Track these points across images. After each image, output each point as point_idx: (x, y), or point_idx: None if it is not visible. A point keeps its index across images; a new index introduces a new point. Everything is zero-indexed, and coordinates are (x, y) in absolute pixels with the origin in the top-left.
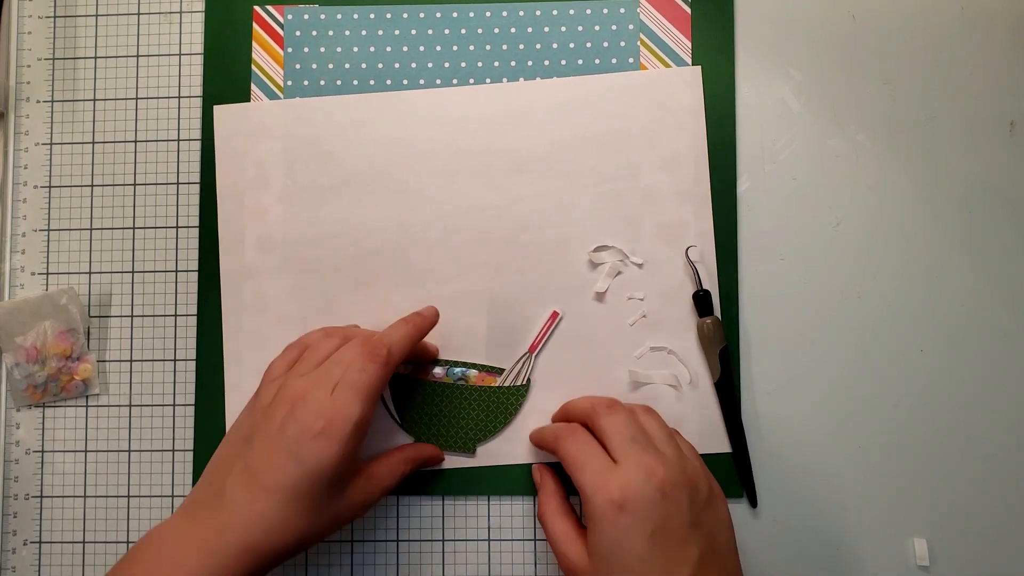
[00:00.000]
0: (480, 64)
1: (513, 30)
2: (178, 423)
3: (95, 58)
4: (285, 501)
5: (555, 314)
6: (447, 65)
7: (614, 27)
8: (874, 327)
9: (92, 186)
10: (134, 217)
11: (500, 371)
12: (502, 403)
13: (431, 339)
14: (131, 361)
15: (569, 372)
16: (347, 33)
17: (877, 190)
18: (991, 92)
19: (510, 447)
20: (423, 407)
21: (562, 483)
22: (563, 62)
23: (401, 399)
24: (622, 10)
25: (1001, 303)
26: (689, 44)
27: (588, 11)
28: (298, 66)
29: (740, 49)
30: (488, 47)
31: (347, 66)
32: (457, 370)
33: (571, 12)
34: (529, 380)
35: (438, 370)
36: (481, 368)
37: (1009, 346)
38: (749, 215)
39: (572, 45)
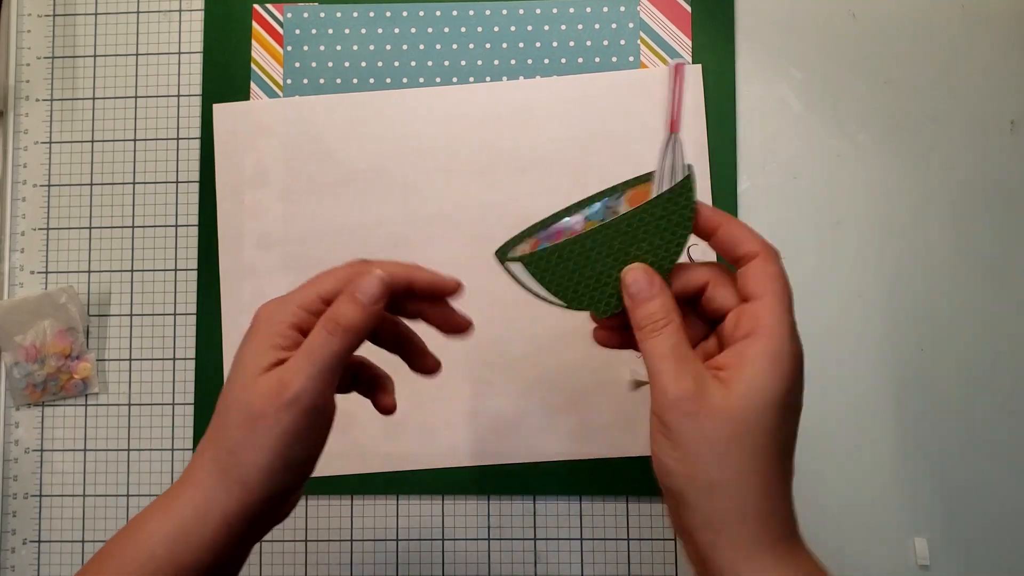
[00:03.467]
0: (480, 63)
1: (513, 29)
2: (177, 422)
3: (94, 56)
4: None
5: (680, 66)
6: (447, 64)
7: (614, 26)
8: (874, 326)
9: (91, 185)
10: (133, 216)
11: (647, 178)
12: (670, 213)
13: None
14: (130, 360)
15: (568, 371)
16: (347, 31)
17: (877, 189)
18: (991, 91)
19: (510, 447)
20: (583, 272)
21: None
22: (563, 61)
23: (553, 279)
24: (622, 8)
25: (1001, 302)
26: (689, 43)
27: (588, 9)
28: (298, 64)
29: (741, 48)
30: (488, 46)
31: (347, 64)
32: (596, 206)
33: (571, 11)
34: (690, 166)
35: (576, 220)
36: (628, 185)
37: (1009, 345)
38: (749, 214)
39: (572, 44)
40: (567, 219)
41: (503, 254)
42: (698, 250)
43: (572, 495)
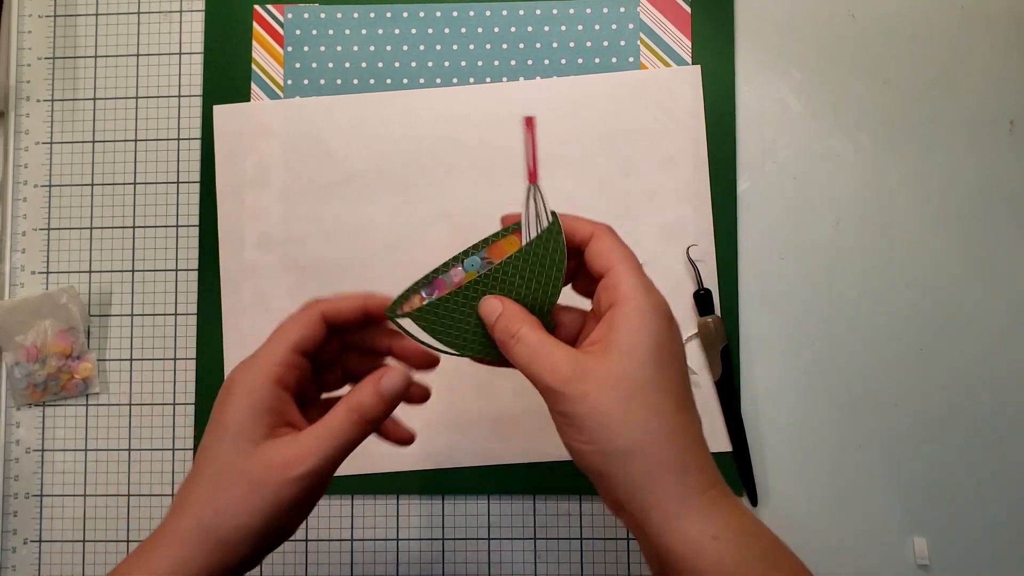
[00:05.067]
0: (480, 63)
1: (513, 29)
2: (178, 422)
3: (95, 57)
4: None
5: (530, 120)
6: (447, 64)
7: (614, 26)
8: (874, 326)
9: (92, 185)
10: (134, 216)
11: (515, 228)
12: (542, 258)
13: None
14: (131, 360)
15: None
16: (347, 32)
17: (877, 190)
18: (991, 92)
19: (510, 447)
20: (465, 321)
21: None
22: (563, 61)
23: (439, 331)
24: (622, 9)
25: (1001, 303)
26: (689, 43)
27: (588, 10)
28: (298, 65)
29: (740, 48)
30: (488, 46)
31: (347, 65)
32: (475, 258)
33: (571, 11)
34: (554, 213)
35: (455, 272)
36: (495, 237)
37: (1009, 346)
38: (749, 214)
39: (572, 44)
40: (448, 272)
41: (392, 312)
42: (697, 250)
43: (572, 495)
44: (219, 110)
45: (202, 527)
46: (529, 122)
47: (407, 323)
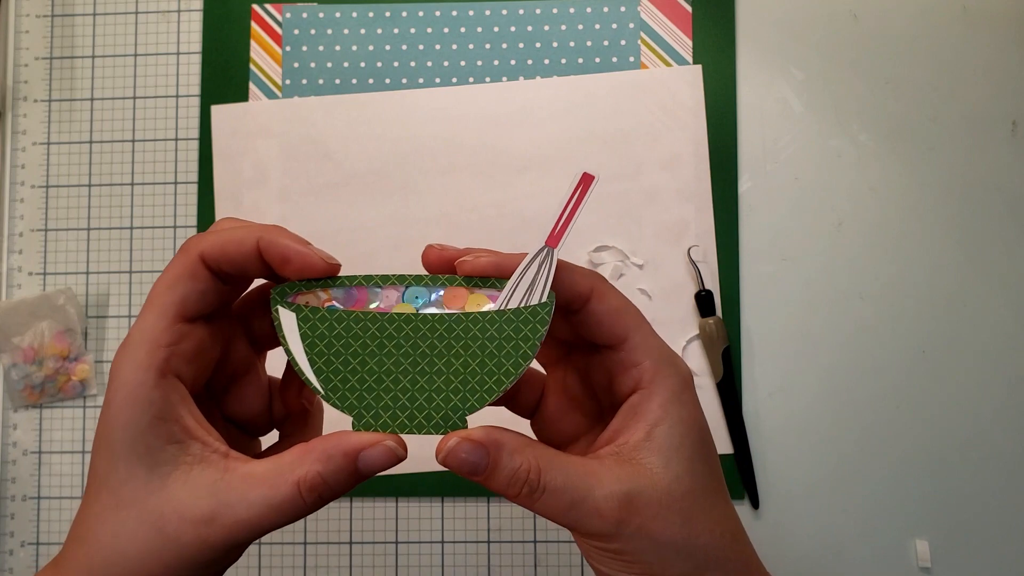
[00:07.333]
0: (480, 63)
1: (513, 29)
2: None
3: (92, 57)
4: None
5: (588, 177)
6: (447, 64)
7: (615, 26)
8: (875, 327)
9: (90, 186)
10: (132, 217)
11: (495, 285)
12: (507, 339)
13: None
14: None
15: None
16: (346, 32)
17: (878, 190)
18: (992, 92)
19: None
20: (364, 362)
21: None
22: (563, 61)
23: (324, 352)
24: (622, 8)
25: (1001, 303)
26: (690, 43)
27: (589, 9)
28: (296, 65)
29: (741, 48)
30: (488, 46)
31: (346, 65)
32: (421, 290)
33: (571, 11)
34: (552, 294)
35: (388, 294)
36: (461, 283)
37: (1009, 346)
38: (750, 215)
39: (572, 44)
40: (379, 289)
41: (280, 294)
42: (698, 251)
43: None
44: (217, 110)
45: (94, 571)
46: (586, 180)
47: (288, 318)
